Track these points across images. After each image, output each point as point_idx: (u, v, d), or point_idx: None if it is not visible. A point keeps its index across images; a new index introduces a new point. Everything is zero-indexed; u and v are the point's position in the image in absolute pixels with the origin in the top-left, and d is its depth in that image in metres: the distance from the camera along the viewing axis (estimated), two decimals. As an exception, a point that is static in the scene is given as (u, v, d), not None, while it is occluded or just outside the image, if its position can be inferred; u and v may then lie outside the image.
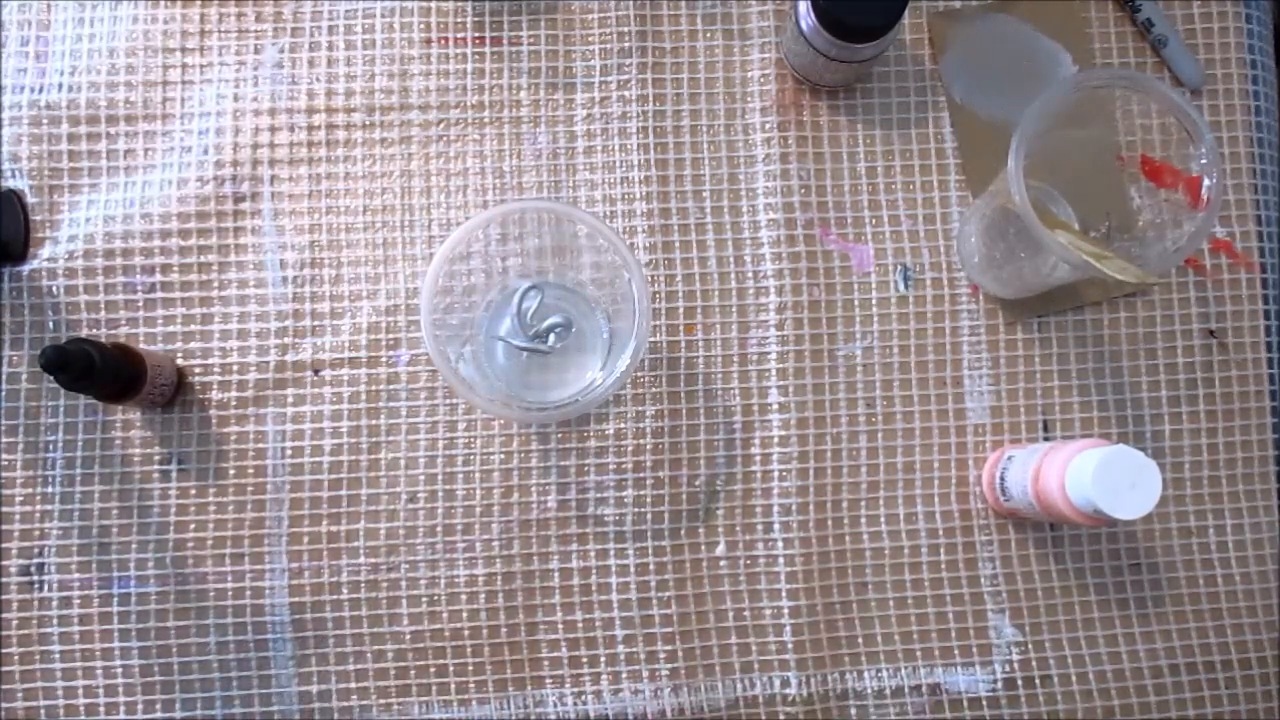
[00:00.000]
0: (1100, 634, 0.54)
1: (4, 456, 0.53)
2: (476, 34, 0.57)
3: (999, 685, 0.53)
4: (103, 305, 0.54)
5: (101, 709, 0.52)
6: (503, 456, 0.54)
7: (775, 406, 0.55)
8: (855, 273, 0.56)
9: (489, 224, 0.46)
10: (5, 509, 0.53)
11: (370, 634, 0.53)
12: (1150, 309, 0.56)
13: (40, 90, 0.56)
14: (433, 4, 0.57)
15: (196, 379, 0.54)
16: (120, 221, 0.55)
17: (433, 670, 0.52)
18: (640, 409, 0.54)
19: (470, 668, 0.53)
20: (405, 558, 0.53)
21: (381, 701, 0.52)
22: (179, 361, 0.54)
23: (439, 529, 0.53)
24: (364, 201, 0.56)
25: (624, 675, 0.53)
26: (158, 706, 0.52)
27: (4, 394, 0.53)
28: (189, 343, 0.54)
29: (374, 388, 0.54)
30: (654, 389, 0.55)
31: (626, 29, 0.57)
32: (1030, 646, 0.54)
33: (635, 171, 0.56)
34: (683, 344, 0.55)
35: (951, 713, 0.53)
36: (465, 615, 0.53)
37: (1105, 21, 0.58)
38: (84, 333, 0.54)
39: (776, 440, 0.54)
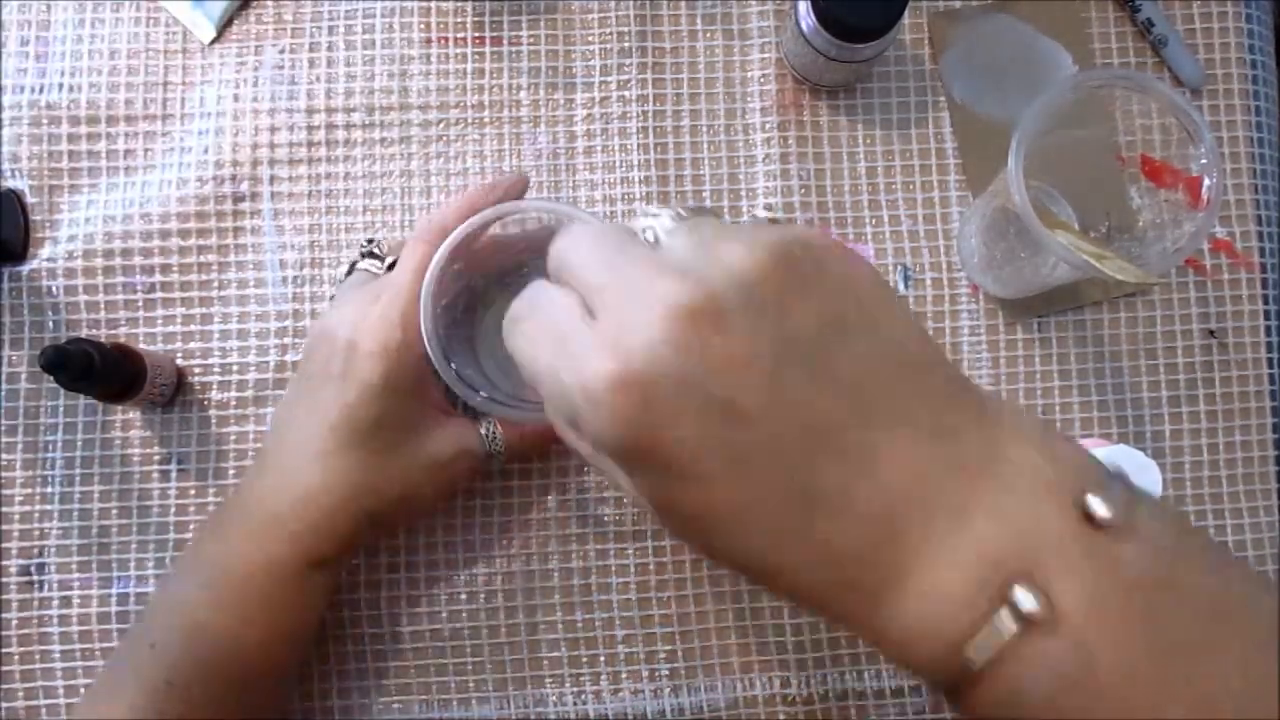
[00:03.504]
0: (1100, 634, 0.54)
1: (4, 456, 0.53)
2: (476, 34, 0.57)
3: (999, 685, 0.53)
4: (103, 305, 0.54)
5: (101, 709, 0.52)
6: (503, 456, 0.54)
7: (775, 406, 0.54)
8: (855, 273, 0.56)
9: (489, 224, 0.46)
10: (5, 509, 0.53)
11: (370, 634, 0.53)
12: (1150, 309, 0.56)
13: (40, 90, 0.56)
14: (433, 4, 0.57)
15: (196, 379, 0.54)
16: (120, 221, 0.55)
17: (433, 670, 0.52)
18: (640, 409, 0.54)
19: (470, 668, 0.52)
20: (405, 557, 0.53)
21: (381, 701, 0.52)
22: (179, 361, 0.54)
23: (439, 529, 0.53)
24: (364, 201, 0.55)
25: (624, 675, 0.53)
26: (158, 706, 0.52)
27: (4, 394, 0.53)
28: (189, 343, 0.54)
29: (374, 388, 0.54)
30: (654, 389, 0.54)
31: (626, 29, 0.57)
32: (1030, 646, 0.53)
33: (635, 171, 0.56)
34: (683, 344, 0.55)
35: (951, 713, 0.53)
36: (465, 615, 0.53)
37: (1105, 21, 0.58)
38: (84, 333, 0.54)
39: (776, 440, 0.54)
